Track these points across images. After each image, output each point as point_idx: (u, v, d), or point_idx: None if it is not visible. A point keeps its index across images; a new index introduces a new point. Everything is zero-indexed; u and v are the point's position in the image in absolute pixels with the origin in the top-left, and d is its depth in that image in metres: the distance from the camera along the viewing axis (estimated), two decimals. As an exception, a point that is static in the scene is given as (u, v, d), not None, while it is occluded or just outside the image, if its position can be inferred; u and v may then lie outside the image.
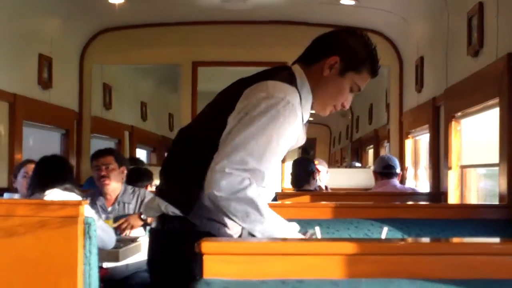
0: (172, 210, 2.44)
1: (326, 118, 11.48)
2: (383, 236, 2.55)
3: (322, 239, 2.18)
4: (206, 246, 1.46)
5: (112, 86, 7.87)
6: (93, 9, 6.46)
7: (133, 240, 4.51)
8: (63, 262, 3.47)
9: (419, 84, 5.97)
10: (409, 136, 6.68)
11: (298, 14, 6.76)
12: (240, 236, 2.55)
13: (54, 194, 3.78)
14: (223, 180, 2.20)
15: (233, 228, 2.46)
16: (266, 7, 6.49)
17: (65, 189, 3.85)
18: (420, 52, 5.96)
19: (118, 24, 7.03)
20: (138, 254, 4.56)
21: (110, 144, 8.11)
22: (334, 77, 2.46)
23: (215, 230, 2.42)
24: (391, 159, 6.02)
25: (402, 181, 6.35)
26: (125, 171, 4.95)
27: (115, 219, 4.73)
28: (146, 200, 4.88)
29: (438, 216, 3.44)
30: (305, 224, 3.33)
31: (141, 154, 9.05)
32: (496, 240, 2.86)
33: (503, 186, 3.69)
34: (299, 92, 2.41)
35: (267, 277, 1.45)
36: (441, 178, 5.29)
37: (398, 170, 5.96)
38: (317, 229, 2.46)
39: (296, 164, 5.89)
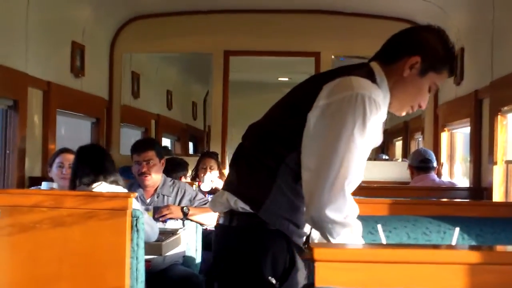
0: (242, 206, 2.38)
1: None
2: (455, 238, 2.45)
3: (439, 246, 2.08)
4: (319, 252, 1.37)
5: (140, 74, 7.80)
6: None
7: (173, 232, 4.46)
8: (111, 255, 3.41)
9: (459, 76, 5.84)
10: (445, 129, 6.56)
11: (333, 3, 6.65)
12: (308, 235, 2.48)
13: (101, 187, 3.71)
14: (334, 202, 2.16)
15: (303, 226, 2.40)
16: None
17: (111, 182, 3.79)
18: (459, 44, 5.83)
19: (149, 12, 6.95)
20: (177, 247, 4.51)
21: (137, 133, 8.07)
22: (414, 77, 2.39)
23: (284, 228, 2.36)
24: (428, 152, 5.92)
25: (438, 175, 6.23)
26: (164, 163, 4.88)
27: (154, 210, 4.67)
28: (186, 192, 4.82)
29: (497, 214, 3.33)
30: (361, 221, 3.25)
31: (166, 143, 9.01)
32: None
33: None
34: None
35: (384, 287, 1.36)
36: (483, 174, 5.18)
37: (435, 164, 5.86)
38: (379, 227, 2.38)
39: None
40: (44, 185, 4.39)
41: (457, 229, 2.47)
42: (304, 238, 2.44)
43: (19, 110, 4.92)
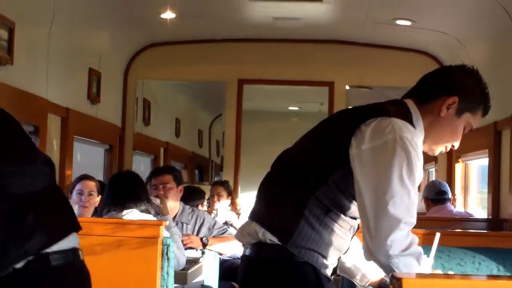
0: (270, 238, 2.36)
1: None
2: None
3: None
4: (408, 283, 1.34)
5: (150, 101, 7.80)
6: (142, 23, 6.39)
7: (196, 261, 4.42)
8: (141, 284, 3.40)
9: (476, 107, 5.84)
10: (459, 160, 6.55)
11: (349, 34, 6.68)
12: (336, 267, 2.48)
13: (132, 215, 3.69)
14: (397, 240, 2.15)
15: (331, 258, 2.40)
16: (317, 26, 6.41)
17: (142, 211, 3.76)
18: (478, 74, 5.84)
19: (165, 39, 6.97)
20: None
21: (147, 160, 8.05)
22: (451, 117, 2.38)
23: (313, 260, 2.35)
24: (443, 184, 5.92)
25: (453, 206, 6.22)
26: (183, 190, 4.86)
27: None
28: (205, 221, 4.79)
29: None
30: (449, 253, 3.22)
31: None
32: None
33: None
34: None
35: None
36: (502, 204, 5.17)
37: (450, 195, 5.86)
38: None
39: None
40: None
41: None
42: (331, 268, 2.44)
43: (39, 135, 4.89)
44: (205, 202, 6.13)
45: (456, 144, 2.47)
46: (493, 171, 5.32)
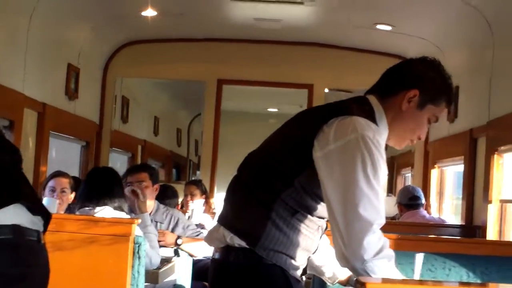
0: (238, 242, 2.35)
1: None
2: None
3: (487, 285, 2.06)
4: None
5: (129, 99, 7.77)
6: (123, 20, 6.37)
7: (168, 260, 4.40)
8: (111, 282, 3.37)
9: (452, 114, 5.88)
10: (435, 166, 6.58)
11: (330, 37, 6.70)
12: (305, 268, 2.48)
13: (105, 212, 3.66)
14: (371, 244, 2.13)
15: (300, 259, 2.39)
16: (298, 28, 6.42)
17: (116, 208, 3.73)
18: (455, 81, 5.83)
19: (145, 37, 6.94)
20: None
21: (124, 158, 8.03)
22: (413, 111, 2.37)
23: (281, 262, 2.34)
24: (416, 189, 5.95)
25: (427, 212, 6.24)
26: (158, 189, 4.83)
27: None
28: (180, 221, 4.77)
29: (501, 253, 3.33)
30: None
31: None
32: None
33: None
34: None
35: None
36: (476, 212, 5.20)
37: (423, 201, 5.89)
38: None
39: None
40: (46, 201, 4.30)
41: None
42: (301, 269, 2.43)
43: (14, 130, 4.85)
44: (179, 201, 6.10)
45: (423, 136, 2.45)
46: (468, 178, 5.34)
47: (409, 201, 5.77)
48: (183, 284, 4.85)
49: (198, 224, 5.69)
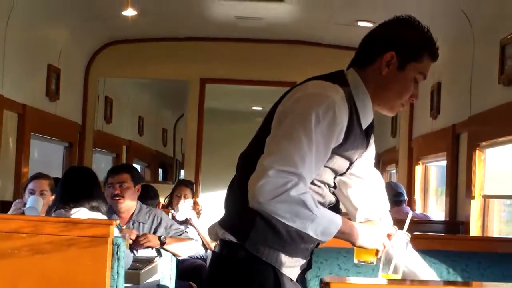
0: (229, 238, 2.34)
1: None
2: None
3: (457, 283, 2.04)
4: (336, 287, 1.33)
5: (113, 99, 7.74)
6: (104, 20, 6.33)
7: (150, 261, 4.38)
8: (91, 284, 3.34)
9: (435, 110, 5.89)
10: (419, 162, 6.59)
11: (312, 35, 6.68)
12: (306, 268, 2.44)
13: (80, 213, 3.62)
14: (264, 187, 2.06)
15: (297, 256, 2.35)
16: (280, 26, 6.41)
17: (92, 208, 3.70)
18: (437, 78, 5.88)
19: (127, 37, 6.91)
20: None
21: (108, 158, 7.98)
22: (395, 74, 2.28)
23: (272, 260, 2.31)
24: (398, 186, 5.95)
25: (411, 208, 6.25)
26: (140, 190, 4.80)
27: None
28: (163, 220, 4.74)
29: (482, 249, 3.33)
30: (346, 253, 3.23)
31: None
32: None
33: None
34: (352, 95, 2.26)
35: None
36: (459, 208, 5.20)
37: (406, 197, 5.89)
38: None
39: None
40: (30, 200, 4.26)
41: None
42: (297, 268, 2.38)
43: (-7, 132, 4.82)
44: (165, 201, 6.08)
45: (414, 97, 2.34)
46: (451, 174, 5.35)
47: (393, 198, 5.75)
48: (166, 284, 4.83)
49: (184, 220, 5.68)
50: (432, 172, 6.61)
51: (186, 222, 5.74)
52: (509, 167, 4.71)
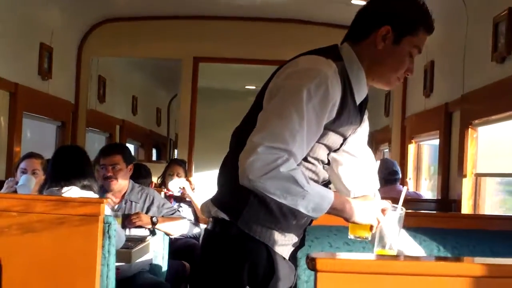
0: (222, 216, 2.33)
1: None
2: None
3: (448, 259, 2.04)
4: (321, 262, 1.33)
5: (106, 78, 7.71)
6: (96, -2, 6.30)
7: (142, 240, 4.38)
8: (81, 262, 3.33)
9: (428, 88, 5.88)
10: (412, 141, 6.59)
11: (306, 13, 6.65)
12: (298, 246, 2.45)
13: (72, 192, 3.62)
14: (254, 164, 2.03)
15: (288, 234, 2.36)
16: (275, 5, 6.38)
17: (83, 187, 3.69)
18: (430, 56, 5.87)
19: (119, 15, 6.87)
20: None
21: (101, 138, 7.97)
22: (390, 48, 2.26)
23: (265, 238, 2.31)
24: (394, 163, 5.94)
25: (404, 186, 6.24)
26: (132, 169, 4.80)
27: (123, 217, 4.60)
28: (155, 199, 4.74)
29: (473, 226, 3.34)
30: (336, 231, 3.23)
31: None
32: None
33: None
34: (346, 69, 2.25)
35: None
36: (451, 186, 5.21)
37: (400, 175, 5.88)
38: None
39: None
40: (22, 178, 4.26)
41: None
42: (290, 247, 2.38)
43: (-16, 111, 4.80)
44: (158, 180, 6.08)
45: (410, 71, 2.33)
46: (443, 152, 5.35)
47: (389, 176, 5.74)
48: (159, 263, 4.84)
49: (178, 197, 5.69)
50: (425, 150, 6.61)
51: (180, 200, 5.75)
52: (502, 145, 4.72)
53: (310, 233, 3.12)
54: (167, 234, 4.78)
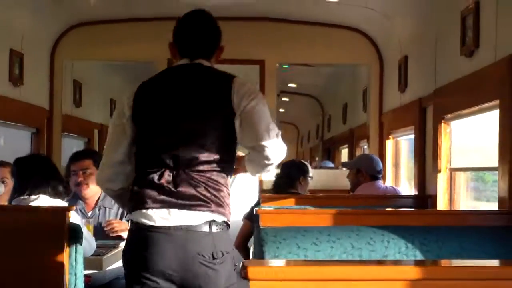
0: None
1: (294, 117, 11.41)
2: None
3: (380, 262, 2.02)
4: (253, 271, 1.29)
5: (82, 83, 7.64)
6: (67, 2, 6.22)
7: (115, 246, 4.33)
8: (48, 271, 3.31)
9: (403, 83, 5.86)
10: (390, 136, 6.57)
11: (278, 11, 6.61)
12: None
13: (40, 201, 3.57)
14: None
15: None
16: (246, 3, 6.33)
17: (52, 195, 3.64)
18: (404, 51, 5.86)
19: (91, 18, 6.80)
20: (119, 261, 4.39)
21: (79, 143, 7.91)
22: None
23: None
24: (379, 161, 5.85)
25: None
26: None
27: (99, 224, 4.57)
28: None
29: (441, 223, 3.32)
30: (304, 232, 3.20)
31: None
32: None
33: (504, 191, 3.59)
34: None
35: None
36: (427, 181, 5.19)
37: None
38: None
39: (288, 166, 5.53)
40: None
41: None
42: None
43: (-47, 121, 4.73)
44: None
45: None
46: (419, 147, 5.33)
47: (377, 174, 5.69)
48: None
49: None
50: (404, 146, 6.59)
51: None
52: (479, 139, 4.70)
53: (331, 234, 3.12)
54: None
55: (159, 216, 2.80)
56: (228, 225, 2.93)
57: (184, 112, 2.94)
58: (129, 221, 2.92)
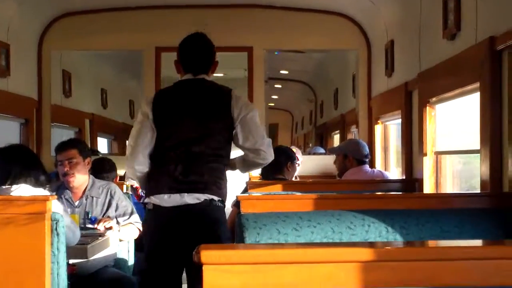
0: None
1: (288, 104, 11.41)
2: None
3: (333, 244, 2.02)
4: (206, 255, 1.30)
5: (71, 73, 7.63)
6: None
7: (101, 235, 4.33)
8: (30, 261, 3.29)
9: (390, 68, 5.86)
10: (378, 121, 6.58)
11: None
12: None
13: (21, 190, 3.56)
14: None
15: None
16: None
17: (33, 184, 3.64)
18: (390, 36, 5.85)
19: (78, 8, 6.78)
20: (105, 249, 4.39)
21: (70, 133, 7.90)
22: None
23: None
24: (366, 146, 5.88)
25: (371, 166, 6.23)
26: (91, 162, 4.75)
27: (86, 214, 4.57)
28: (115, 195, 4.70)
29: (422, 206, 3.32)
30: (285, 218, 3.21)
31: (102, 142, 8.86)
32: None
33: (485, 173, 3.59)
34: None
35: (277, 288, 1.30)
36: (414, 165, 5.20)
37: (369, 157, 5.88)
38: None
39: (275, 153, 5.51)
40: None
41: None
42: None
43: None
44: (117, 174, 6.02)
45: None
46: (405, 131, 5.33)
47: (365, 158, 5.72)
48: (124, 257, 4.81)
49: None
50: (392, 131, 6.59)
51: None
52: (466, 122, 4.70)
53: (312, 219, 3.14)
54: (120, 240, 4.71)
55: (173, 200, 3.69)
56: (224, 204, 3.80)
57: (194, 118, 3.73)
58: (147, 204, 3.80)
